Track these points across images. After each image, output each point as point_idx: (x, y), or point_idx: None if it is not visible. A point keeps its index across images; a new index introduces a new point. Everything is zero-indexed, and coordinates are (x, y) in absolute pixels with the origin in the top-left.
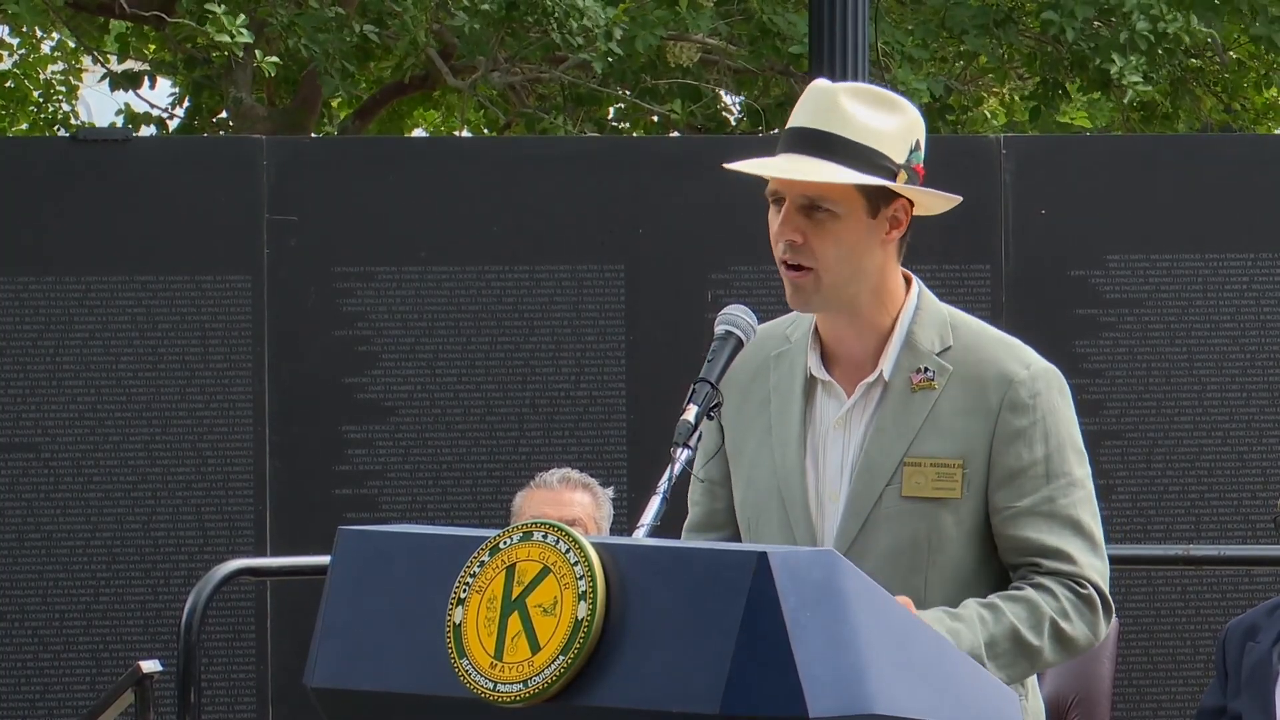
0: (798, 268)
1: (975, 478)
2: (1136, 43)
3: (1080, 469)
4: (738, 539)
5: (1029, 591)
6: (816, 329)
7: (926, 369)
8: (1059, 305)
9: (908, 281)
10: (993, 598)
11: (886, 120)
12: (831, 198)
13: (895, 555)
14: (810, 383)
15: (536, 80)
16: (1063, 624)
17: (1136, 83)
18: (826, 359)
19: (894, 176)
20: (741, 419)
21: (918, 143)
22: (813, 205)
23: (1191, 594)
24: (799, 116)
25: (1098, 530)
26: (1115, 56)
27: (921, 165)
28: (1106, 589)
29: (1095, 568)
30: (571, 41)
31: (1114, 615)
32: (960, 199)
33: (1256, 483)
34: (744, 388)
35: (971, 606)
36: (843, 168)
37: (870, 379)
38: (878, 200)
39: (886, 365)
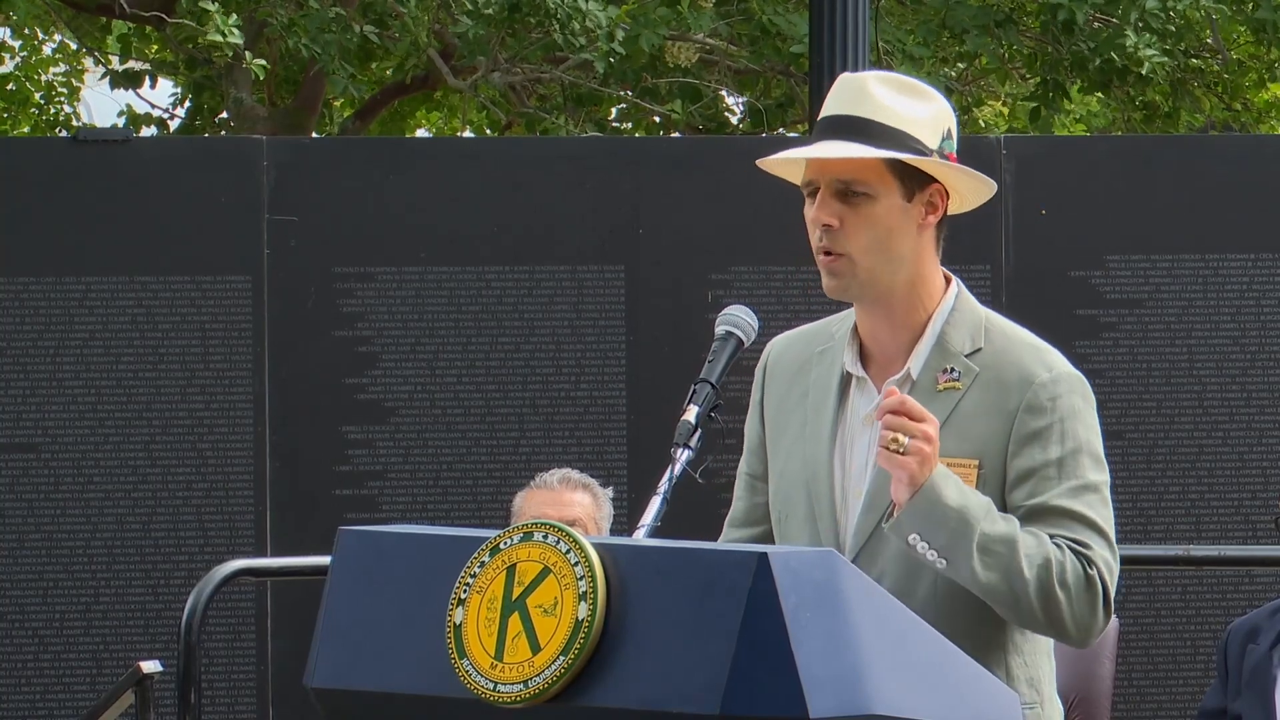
0: (831, 253)
1: (992, 478)
2: (1149, 21)
3: (1096, 475)
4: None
5: (1046, 539)
6: (856, 325)
7: (953, 369)
8: (1059, 306)
9: (947, 281)
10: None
11: (917, 107)
12: (865, 180)
13: (909, 553)
14: (846, 379)
15: (537, 80)
16: (1054, 580)
17: (1152, 55)
18: (863, 356)
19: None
20: (782, 413)
21: (949, 131)
22: (847, 189)
23: (1192, 594)
24: (829, 106)
25: (1111, 533)
26: (1130, 33)
27: (955, 154)
28: (1113, 588)
29: (1107, 561)
30: (574, 42)
31: (1112, 615)
32: (995, 186)
33: (1257, 483)
34: (788, 381)
35: (991, 503)
36: (874, 148)
37: (898, 376)
38: (912, 184)
39: (915, 364)
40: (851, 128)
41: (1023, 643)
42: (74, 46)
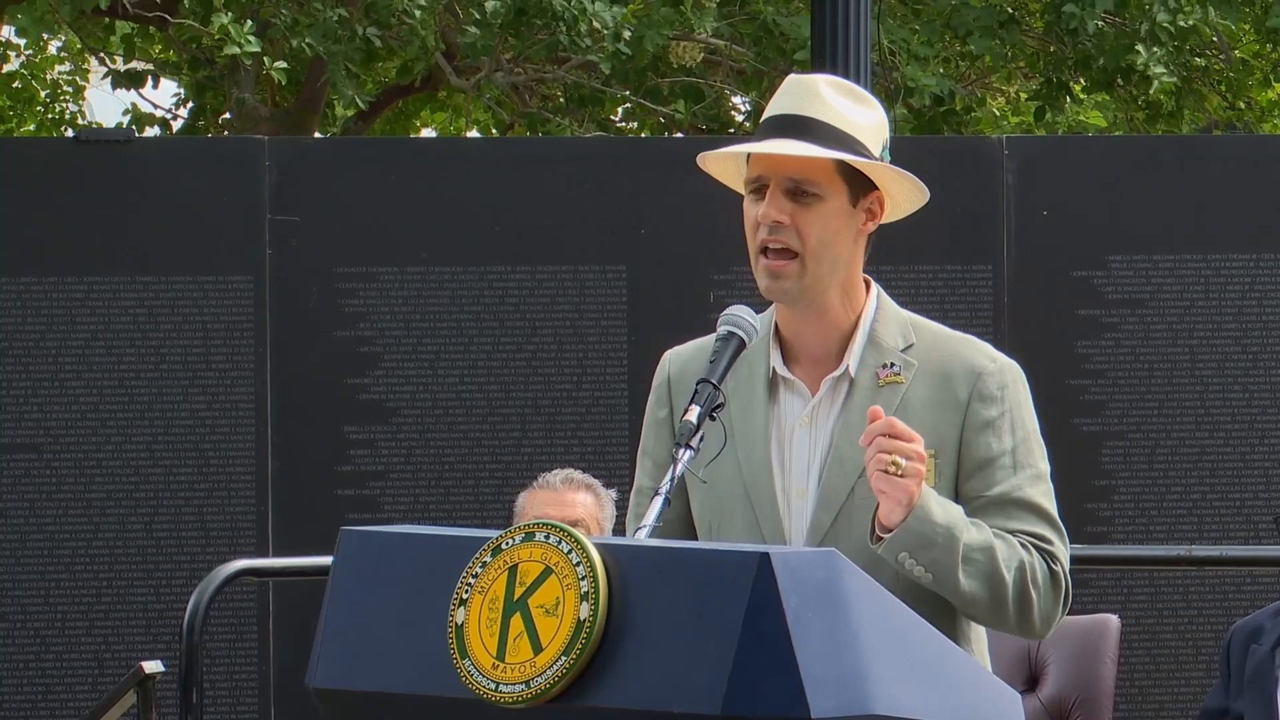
0: (780, 253)
1: (946, 469)
2: (1157, 34)
3: (1044, 463)
4: None
5: (1014, 541)
6: (777, 327)
7: (893, 364)
8: (1061, 306)
9: (867, 285)
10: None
11: (863, 113)
12: (816, 180)
13: (868, 547)
14: (773, 381)
15: (540, 81)
16: (1029, 581)
17: (1161, 73)
18: (787, 357)
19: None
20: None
21: (887, 142)
22: (798, 188)
23: (1194, 595)
24: (777, 105)
25: (1060, 521)
26: (1140, 48)
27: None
28: (1069, 577)
29: (1064, 555)
30: (580, 43)
31: (1069, 606)
32: (928, 194)
33: (1259, 483)
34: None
35: (960, 509)
36: (828, 149)
37: (836, 374)
38: (857, 189)
39: (852, 361)
40: (803, 127)
41: (971, 633)
42: (78, 46)
